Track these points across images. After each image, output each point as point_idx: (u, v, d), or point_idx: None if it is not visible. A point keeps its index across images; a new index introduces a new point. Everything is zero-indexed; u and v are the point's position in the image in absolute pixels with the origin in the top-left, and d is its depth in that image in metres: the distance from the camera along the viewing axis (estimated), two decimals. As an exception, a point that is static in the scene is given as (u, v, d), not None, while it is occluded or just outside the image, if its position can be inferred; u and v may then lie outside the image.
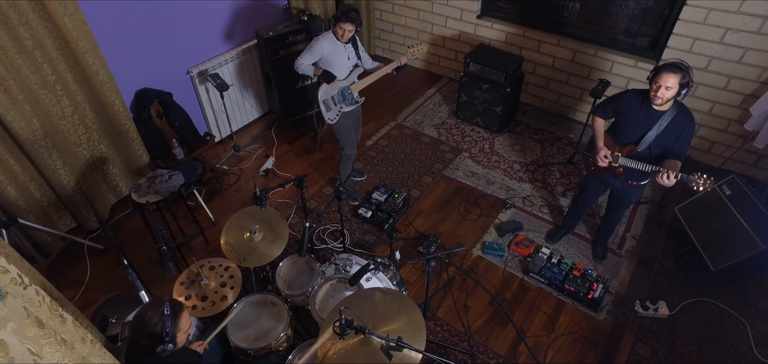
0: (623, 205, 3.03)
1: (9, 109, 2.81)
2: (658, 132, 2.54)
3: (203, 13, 3.89)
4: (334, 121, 3.33)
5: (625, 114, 2.67)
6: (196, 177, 3.43)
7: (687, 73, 2.34)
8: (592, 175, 3.00)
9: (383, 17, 5.57)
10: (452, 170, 4.15)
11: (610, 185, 2.97)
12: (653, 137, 2.56)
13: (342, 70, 3.22)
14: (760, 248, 2.80)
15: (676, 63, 2.34)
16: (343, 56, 3.18)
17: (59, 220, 3.41)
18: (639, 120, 2.59)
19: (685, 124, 2.48)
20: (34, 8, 2.77)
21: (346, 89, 3.27)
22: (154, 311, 1.75)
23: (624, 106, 2.67)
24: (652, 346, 2.82)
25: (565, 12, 4.32)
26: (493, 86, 4.27)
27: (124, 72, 3.43)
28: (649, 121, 2.54)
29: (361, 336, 1.77)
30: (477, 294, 3.12)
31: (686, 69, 2.34)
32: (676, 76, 2.33)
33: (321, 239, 3.49)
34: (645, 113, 2.55)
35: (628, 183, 2.83)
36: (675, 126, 2.50)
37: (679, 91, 2.37)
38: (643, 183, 2.82)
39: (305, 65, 3.17)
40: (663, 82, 2.35)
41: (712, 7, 3.49)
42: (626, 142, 2.70)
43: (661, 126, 2.52)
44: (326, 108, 3.30)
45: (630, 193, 2.91)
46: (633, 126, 2.63)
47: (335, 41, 3.13)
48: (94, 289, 3.17)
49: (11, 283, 1.24)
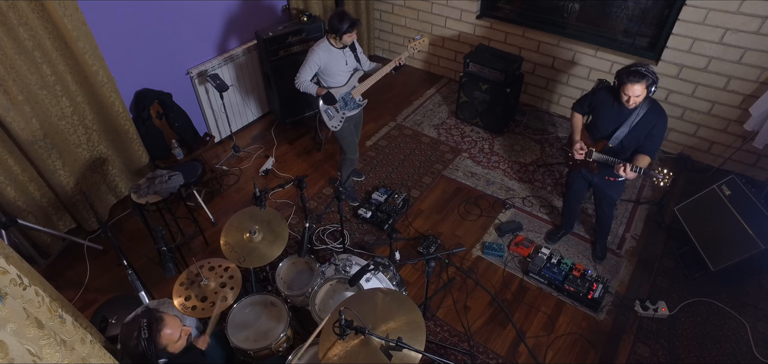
0: (606, 201, 3.05)
1: (8, 109, 2.81)
2: (630, 127, 2.59)
3: (203, 14, 3.89)
4: (338, 127, 3.32)
5: (598, 110, 2.74)
6: (195, 178, 3.43)
7: (649, 75, 2.38)
8: (573, 171, 3.06)
9: (383, 18, 5.57)
10: (452, 171, 4.15)
11: (590, 181, 3.02)
12: (625, 133, 2.61)
13: (341, 76, 3.19)
14: (759, 248, 2.80)
15: (637, 71, 2.38)
16: (341, 62, 3.14)
17: (59, 220, 3.41)
18: (612, 116, 2.65)
19: (655, 121, 2.53)
20: (34, 9, 2.77)
21: (348, 95, 3.25)
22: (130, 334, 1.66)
23: (597, 102, 2.73)
24: (651, 346, 2.82)
25: (565, 12, 4.32)
26: (493, 87, 4.27)
27: (123, 73, 3.44)
28: (621, 117, 2.61)
29: (361, 337, 1.77)
30: (477, 294, 3.12)
31: (647, 73, 2.38)
32: (641, 84, 2.38)
33: (321, 239, 3.49)
34: (617, 110, 2.61)
35: (605, 179, 2.88)
36: (646, 122, 2.55)
37: (648, 90, 2.42)
38: (620, 179, 2.85)
39: (306, 82, 3.10)
40: (630, 93, 2.42)
41: (711, 8, 3.50)
42: (600, 137, 2.75)
43: (632, 122, 2.58)
44: (329, 117, 3.27)
45: (609, 189, 2.95)
46: (606, 122, 2.69)
47: (331, 48, 3.07)
48: (93, 290, 3.17)
49: (11, 284, 1.24)
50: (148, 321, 1.68)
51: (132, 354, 1.66)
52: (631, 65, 2.43)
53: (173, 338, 1.74)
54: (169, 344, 1.72)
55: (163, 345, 1.70)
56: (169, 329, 1.73)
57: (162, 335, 1.70)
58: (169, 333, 1.73)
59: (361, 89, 3.28)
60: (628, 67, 2.43)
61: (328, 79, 3.19)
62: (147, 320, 1.69)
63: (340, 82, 3.20)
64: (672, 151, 4.26)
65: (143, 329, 1.65)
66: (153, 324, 1.70)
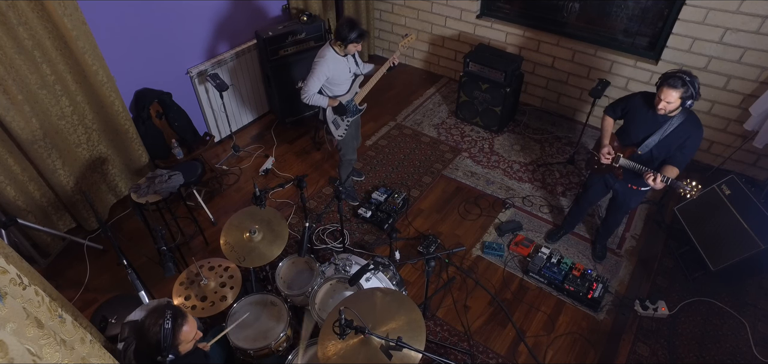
0: (622, 209, 3.03)
1: (8, 109, 2.81)
2: (661, 137, 2.53)
3: (203, 13, 3.89)
4: (344, 135, 3.32)
5: (632, 116, 2.67)
6: (195, 177, 3.42)
7: (690, 87, 2.31)
8: (594, 174, 3.00)
9: (383, 17, 5.57)
10: (452, 170, 4.15)
11: (611, 187, 2.97)
12: (656, 141, 2.55)
13: (345, 84, 3.17)
14: (759, 247, 2.80)
15: (678, 77, 2.32)
16: (346, 70, 3.11)
17: (59, 220, 3.41)
18: (645, 123, 2.59)
19: (691, 132, 2.46)
20: (34, 8, 2.77)
21: (351, 102, 3.25)
22: (154, 321, 1.68)
23: (632, 107, 2.67)
24: (651, 346, 2.82)
25: (565, 12, 4.32)
26: (493, 86, 4.27)
27: (123, 72, 3.43)
28: (655, 125, 2.54)
29: (361, 336, 1.77)
30: (477, 294, 3.12)
31: (689, 83, 2.31)
32: (677, 92, 2.32)
33: (321, 239, 3.49)
34: (652, 117, 2.54)
35: (627, 186, 2.84)
36: (679, 133, 2.48)
37: (683, 102, 2.37)
38: (643, 189, 2.82)
39: (315, 95, 3.02)
40: (664, 97, 2.37)
41: (711, 7, 3.50)
42: (629, 143, 2.70)
43: (665, 131, 2.51)
44: (336, 126, 3.25)
45: (629, 197, 2.91)
46: (638, 128, 2.63)
47: (337, 57, 3.02)
48: (93, 289, 3.17)
49: (11, 283, 1.24)
50: (174, 313, 1.71)
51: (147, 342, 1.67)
52: (678, 70, 2.36)
53: (189, 337, 1.77)
54: (184, 342, 1.75)
55: (179, 340, 1.73)
56: (188, 328, 1.77)
57: (182, 330, 1.74)
58: (187, 331, 1.76)
59: (362, 94, 3.27)
60: (674, 72, 2.35)
61: (334, 88, 3.15)
62: (172, 312, 1.71)
63: (343, 90, 3.18)
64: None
65: (167, 319, 1.67)
66: (178, 317, 1.73)
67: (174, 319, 1.70)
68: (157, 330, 1.67)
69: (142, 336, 1.71)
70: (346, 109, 3.16)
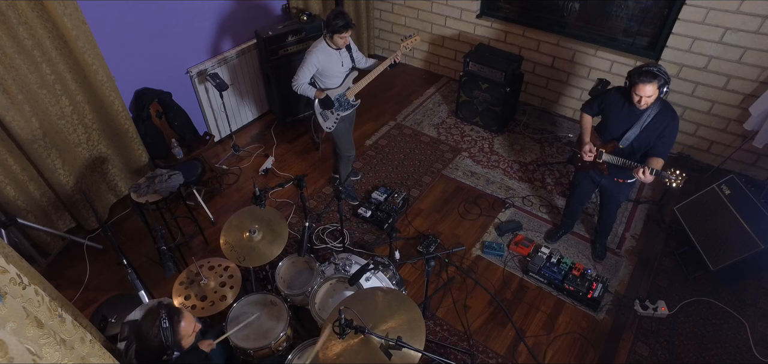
0: (612, 203, 3.05)
1: (8, 108, 2.81)
2: (640, 129, 2.58)
3: (202, 13, 3.89)
4: (333, 128, 3.32)
5: (609, 111, 2.72)
6: (195, 177, 3.42)
7: (661, 75, 2.36)
8: (580, 172, 3.04)
9: (383, 17, 5.57)
10: (452, 170, 4.15)
11: (598, 183, 3.01)
12: (636, 134, 2.60)
13: (337, 78, 3.19)
14: (759, 247, 2.81)
15: (649, 71, 2.35)
16: (338, 63, 3.14)
17: (58, 220, 3.41)
18: (622, 117, 2.63)
19: (667, 122, 2.51)
20: (34, 8, 2.77)
21: (342, 96, 3.25)
22: (151, 324, 1.69)
23: (608, 103, 2.71)
24: (651, 345, 2.83)
25: (565, 12, 4.32)
26: (493, 86, 4.27)
27: (123, 72, 3.43)
28: (632, 118, 2.59)
29: (361, 336, 1.77)
30: (476, 294, 3.12)
31: (659, 73, 2.35)
32: (653, 84, 2.36)
33: (320, 238, 3.49)
34: (628, 111, 2.59)
35: (613, 180, 2.88)
36: (657, 123, 2.53)
37: (660, 90, 2.40)
38: (629, 182, 2.85)
39: (304, 85, 3.10)
40: (641, 93, 2.40)
41: (711, 7, 3.50)
42: (610, 138, 2.74)
43: (643, 123, 2.56)
44: (324, 118, 3.29)
45: (617, 191, 2.95)
46: (617, 123, 2.67)
47: (329, 50, 3.07)
48: (93, 289, 3.17)
49: (10, 283, 1.24)
50: (168, 313, 1.73)
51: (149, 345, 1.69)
52: (643, 65, 2.40)
53: (188, 332, 1.79)
54: (184, 337, 1.77)
55: (180, 336, 1.75)
56: (185, 322, 1.78)
57: (180, 326, 1.75)
58: (185, 326, 1.78)
59: (356, 90, 3.27)
60: (640, 68, 2.39)
61: (325, 81, 3.19)
62: (166, 312, 1.72)
63: (336, 83, 3.20)
64: (672, 151, 4.25)
65: (163, 320, 1.69)
66: (173, 316, 1.74)
67: (170, 317, 1.72)
68: (157, 332, 1.68)
69: (142, 341, 1.71)
70: (332, 102, 3.17)
